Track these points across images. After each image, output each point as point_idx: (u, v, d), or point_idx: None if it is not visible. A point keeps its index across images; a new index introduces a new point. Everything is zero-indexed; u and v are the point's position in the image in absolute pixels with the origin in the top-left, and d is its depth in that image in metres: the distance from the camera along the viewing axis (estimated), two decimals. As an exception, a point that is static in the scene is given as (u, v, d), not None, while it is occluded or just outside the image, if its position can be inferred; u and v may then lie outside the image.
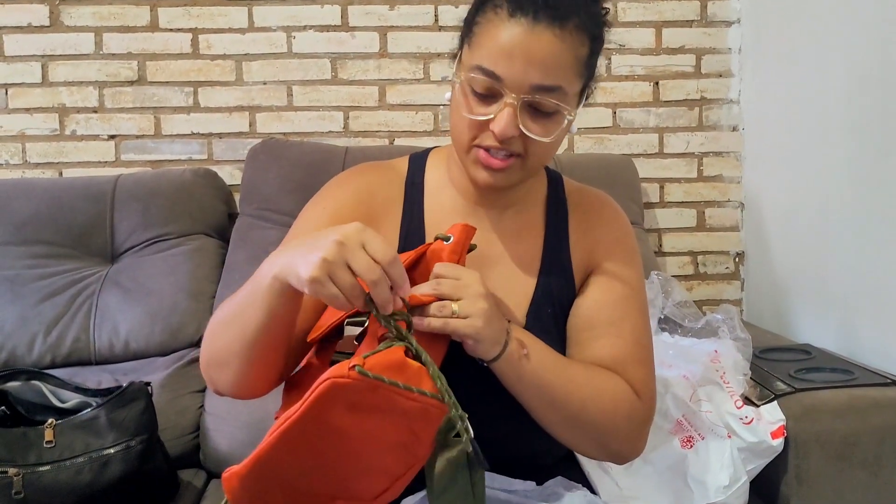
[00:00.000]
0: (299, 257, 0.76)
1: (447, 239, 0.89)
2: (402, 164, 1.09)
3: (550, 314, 1.02)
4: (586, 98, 0.98)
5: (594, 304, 1.01)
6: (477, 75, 0.89)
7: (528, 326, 0.99)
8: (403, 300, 0.81)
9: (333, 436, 0.74)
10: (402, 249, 1.00)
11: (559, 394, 0.91)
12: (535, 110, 0.90)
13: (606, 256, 1.04)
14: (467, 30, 0.94)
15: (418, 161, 1.09)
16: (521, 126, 0.89)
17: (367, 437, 0.75)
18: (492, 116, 0.90)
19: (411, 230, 1.02)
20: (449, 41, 2.02)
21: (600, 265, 1.04)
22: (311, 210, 1.03)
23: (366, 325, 0.86)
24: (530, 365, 0.89)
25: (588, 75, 0.95)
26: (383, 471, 0.78)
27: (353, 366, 0.71)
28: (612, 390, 0.95)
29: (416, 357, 0.78)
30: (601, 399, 0.93)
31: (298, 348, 0.94)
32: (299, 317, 0.90)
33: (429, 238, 1.00)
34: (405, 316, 0.81)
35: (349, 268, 0.75)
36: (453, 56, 0.99)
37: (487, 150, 0.92)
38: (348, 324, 0.89)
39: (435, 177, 1.06)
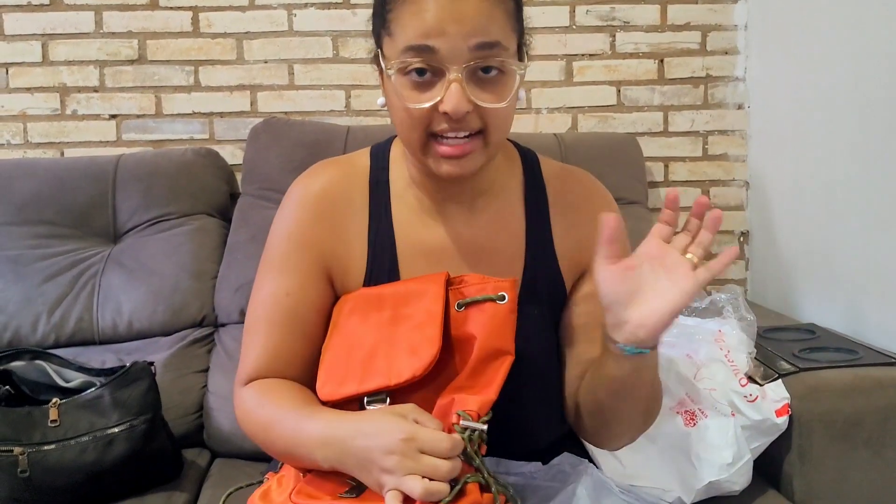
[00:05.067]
0: (358, 470, 0.83)
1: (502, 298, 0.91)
2: (364, 160, 1.03)
3: (537, 315, 0.99)
4: (527, 55, 0.94)
5: (595, 302, 0.91)
6: (409, 58, 0.84)
7: None
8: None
9: None
10: (370, 257, 0.99)
11: (652, 389, 0.93)
12: (481, 79, 0.85)
13: None
14: (380, 21, 0.89)
15: (380, 155, 1.03)
16: (472, 98, 0.84)
17: None
18: (439, 98, 0.84)
19: (380, 235, 0.99)
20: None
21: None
22: (278, 239, 1.01)
23: (386, 402, 0.90)
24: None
25: (520, 30, 0.92)
26: None
27: None
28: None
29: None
30: (658, 393, 0.96)
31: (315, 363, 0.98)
32: (316, 333, 0.99)
33: (399, 244, 0.99)
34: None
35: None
36: (374, 59, 0.93)
37: (444, 138, 0.87)
38: (369, 402, 0.90)
39: (400, 173, 1.01)
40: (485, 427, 0.83)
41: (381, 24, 0.89)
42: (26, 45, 1.97)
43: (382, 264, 0.98)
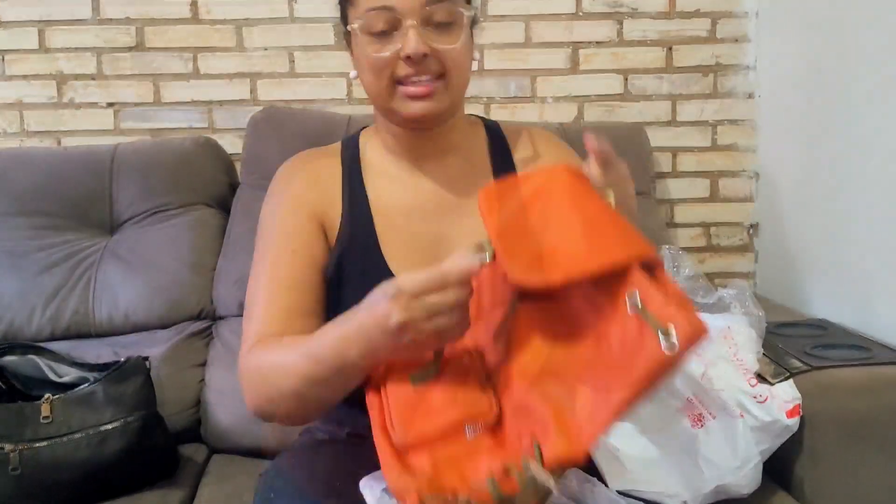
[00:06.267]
0: (394, 348, 0.81)
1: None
2: (335, 146, 1.14)
3: None
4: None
5: None
6: (370, 15, 0.96)
7: None
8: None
9: None
10: (344, 218, 1.05)
11: None
12: (435, 26, 0.96)
13: None
14: None
15: (351, 140, 1.14)
16: (428, 42, 0.95)
17: None
18: (400, 46, 0.95)
19: (354, 198, 1.07)
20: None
21: None
22: (272, 215, 1.08)
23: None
24: None
25: None
26: None
27: None
28: None
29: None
30: None
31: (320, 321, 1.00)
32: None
33: (373, 205, 1.06)
34: None
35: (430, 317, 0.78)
36: (345, 37, 1.06)
37: (408, 82, 0.97)
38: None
39: (372, 148, 1.11)
40: (552, 488, 0.72)
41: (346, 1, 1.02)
42: (23, 32, 1.94)
43: (356, 222, 1.05)
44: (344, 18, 1.04)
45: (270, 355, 0.94)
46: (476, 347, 0.87)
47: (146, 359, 1.36)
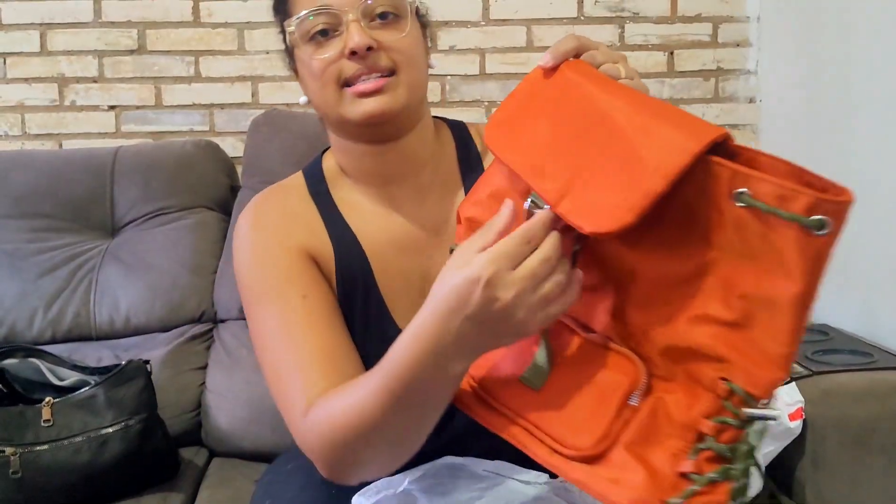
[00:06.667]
0: (497, 337, 0.68)
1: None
2: (298, 180, 0.99)
3: None
4: None
5: None
6: (308, 18, 0.88)
7: None
8: None
9: None
10: (338, 256, 0.92)
11: None
12: (377, 20, 0.88)
13: None
14: (279, 13, 0.94)
15: (312, 172, 0.99)
16: (373, 36, 0.87)
17: None
18: (342, 45, 0.86)
19: (340, 236, 0.94)
20: (456, 9, 1.98)
21: None
22: (254, 265, 0.92)
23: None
24: None
25: None
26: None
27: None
28: None
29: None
30: None
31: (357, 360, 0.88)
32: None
33: (362, 241, 0.93)
34: None
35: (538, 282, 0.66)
36: (288, 55, 0.97)
37: (357, 81, 0.87)
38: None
39: (337, 179, 0.98)
40: (774, 417, 0.63)
41: (281, 16, 0.94)
42: (24, 34, 1.94)
43: (352, 263, 0.93)
44: (284, 39, 0.94)
45: (339, 403, 0.77)
46: (567, 317, 0.73)
47: (147, 362, 1.35)
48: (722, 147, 0.62)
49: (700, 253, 0.63)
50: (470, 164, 0.98)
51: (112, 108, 1.98)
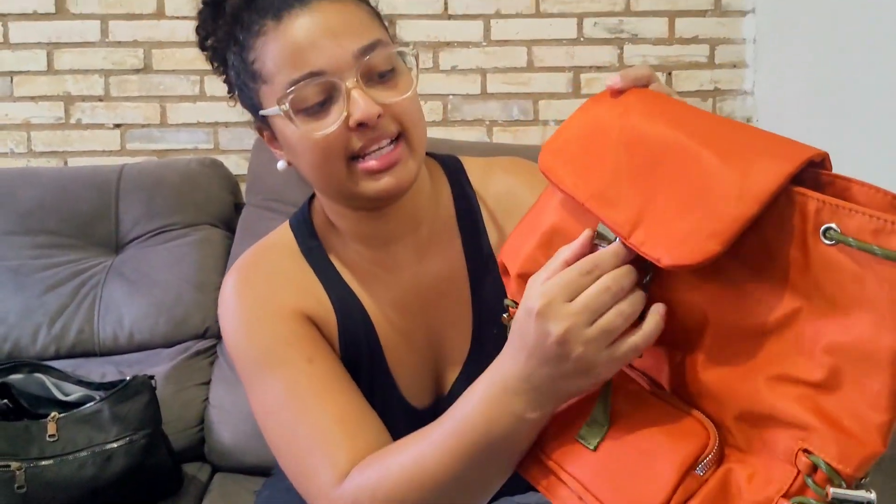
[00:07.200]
0: (566, 378, 0.62)
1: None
2: (286, 236, 0.92)
3: (495, 335, 0.84)
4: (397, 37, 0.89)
5: None
6: (298, 88, 0.76)
7: (474, 354, 0.89)
8: None
9: None
10: (340, 320, 0.87)
11: None
12: (376, 81, 0.79)
13: None
14: (248, 77, 0.81)
15: (301, 224, 0.92)
16: (378, 100, 0.77)
17: None
18: (346, 113, 0.76)
19: (341, 298, 0.88)
20: (458, 30, 2.01)
21: None
22: (247, 335, 0.85)
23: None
24: None
25: (384, 25, 0.86)
26: None
27: None
28: None
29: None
30: None
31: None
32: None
33: (366, 305, 0.87)
34: None
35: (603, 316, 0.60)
36: (258, 126, 0.87)
37: (367, 155, 0.79)
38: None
39: (330, 235, 0.91)
40: (870, 501, 0.53)
41: (248, 77, 0.81)
42: (31, 53, 1.97)
43: (356, 328, 0.88)
44: (254, 103, 0.83)
45: (393, 460, 0.71)
46: (634, 371, 0.68)
47: (152, 377, 1.36)
48: (811, 175, 0.56)
49: (780, 299, 0.56)
50: (466, 208, 0.92)
51: (117, 126, 2.00)
